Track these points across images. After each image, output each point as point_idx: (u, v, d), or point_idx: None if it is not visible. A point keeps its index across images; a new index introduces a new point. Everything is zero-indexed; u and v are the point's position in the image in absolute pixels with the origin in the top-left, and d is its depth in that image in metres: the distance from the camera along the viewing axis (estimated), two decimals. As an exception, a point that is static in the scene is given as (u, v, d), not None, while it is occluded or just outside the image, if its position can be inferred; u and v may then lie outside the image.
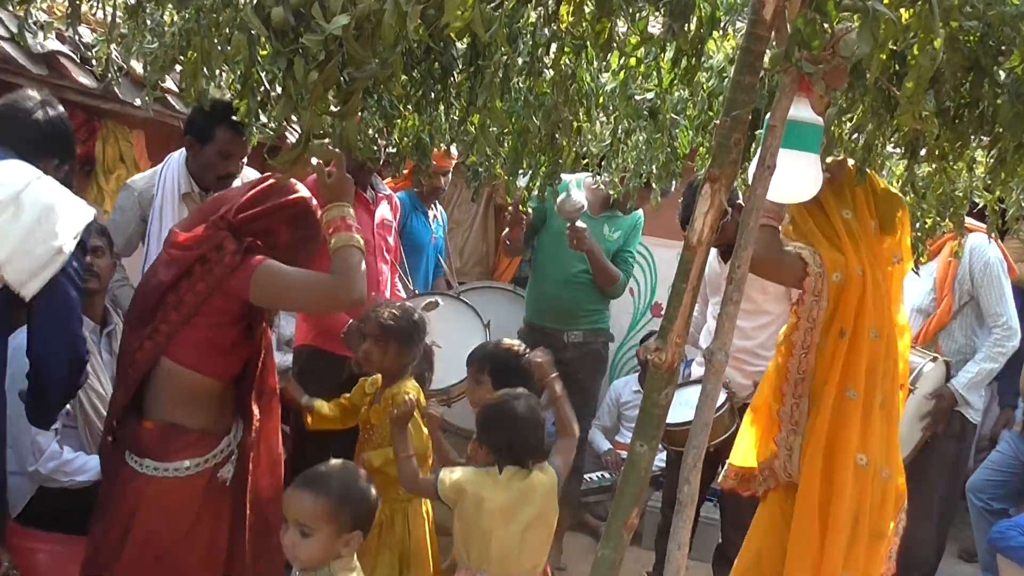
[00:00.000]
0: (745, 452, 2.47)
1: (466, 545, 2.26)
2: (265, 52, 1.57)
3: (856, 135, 2.03)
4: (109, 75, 3.12)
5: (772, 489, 2.41)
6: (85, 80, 3.19)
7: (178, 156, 3.05)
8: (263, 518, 2.25)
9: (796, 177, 1.78)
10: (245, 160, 3.03)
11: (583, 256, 3.71)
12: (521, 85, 1.95)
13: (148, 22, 2.03)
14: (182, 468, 2.10)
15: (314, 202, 2.24)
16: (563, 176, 2.45)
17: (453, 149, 3.66)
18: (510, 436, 2.29)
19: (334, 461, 2.09)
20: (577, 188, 3.66)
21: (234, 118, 1.88)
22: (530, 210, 3.86)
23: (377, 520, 2.32)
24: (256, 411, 2.23)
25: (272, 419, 2.32)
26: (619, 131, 2.29)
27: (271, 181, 2.19)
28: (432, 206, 4.33)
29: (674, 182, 2.52)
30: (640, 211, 3.94)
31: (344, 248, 2.11)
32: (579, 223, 3.62)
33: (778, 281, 2.76)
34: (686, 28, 1.64)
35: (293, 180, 2.20)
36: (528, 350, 2.69)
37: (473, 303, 3.83)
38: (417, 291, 3.95)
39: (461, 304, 3.80)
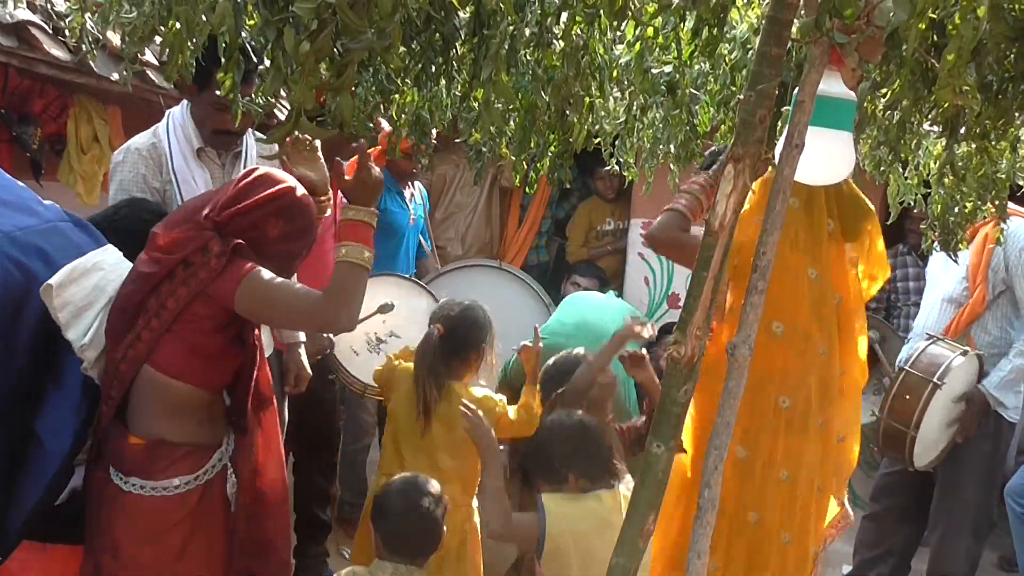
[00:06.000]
0: None
1: None
2: (252, 22, 1.48)
3: (890, 111, 1.93)
4: (83, 47, 2.96)
5: None
6: (57, 52, 3.04)
7: (179, 110, 2.74)
8: (260, 536, 2.15)
9: (826, 157, 1.67)
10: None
11: None
12: (529, 57, 1.86)
13: (126, -10, 1.94)
14: (171, 487, 2.00)
15: (302, 192, 2.13)
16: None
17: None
18: (603, 456, 2.34)
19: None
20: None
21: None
22: None
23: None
24: (251, 424, 2.12)
25: (272, 432, 2.21)
26: (634, 107, 2.20)
27: (256, 174, 2.08)
28: (408, 184, 4.14)
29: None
30: None
31: (347, 264, 1.98)
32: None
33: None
34: (708, -5, 1.55)
35: (279, 171, 2.11)
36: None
37: (455, 284, 3.73)
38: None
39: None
